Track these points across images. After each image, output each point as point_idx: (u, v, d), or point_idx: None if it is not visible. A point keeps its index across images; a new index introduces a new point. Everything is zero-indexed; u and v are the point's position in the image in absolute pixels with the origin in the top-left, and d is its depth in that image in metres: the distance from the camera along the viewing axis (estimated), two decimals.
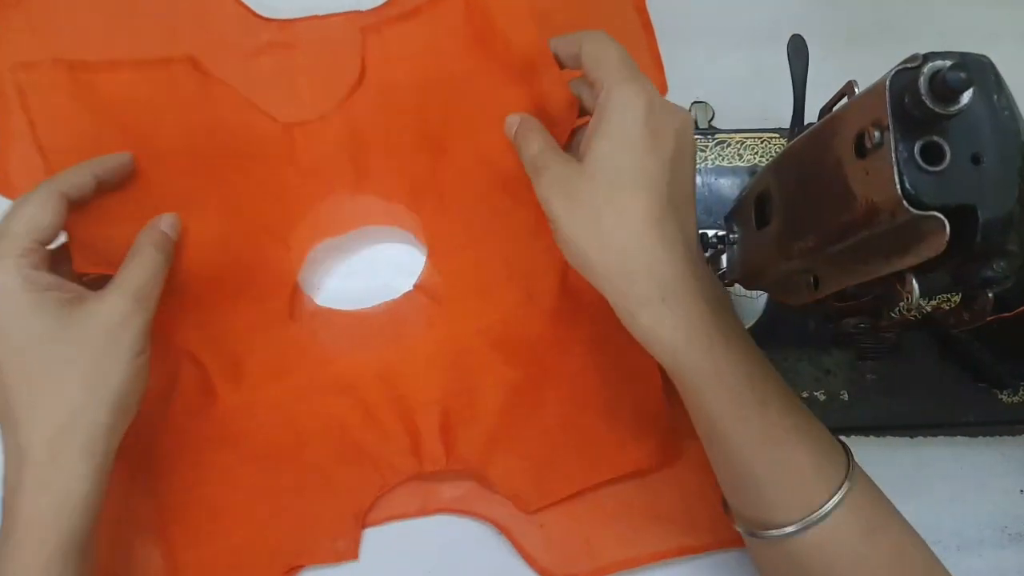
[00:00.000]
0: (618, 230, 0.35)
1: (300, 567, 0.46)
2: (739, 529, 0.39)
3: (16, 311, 0.36)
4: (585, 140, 0.36)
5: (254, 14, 0.52)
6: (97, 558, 0.39)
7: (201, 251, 0.44)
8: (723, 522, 0.42)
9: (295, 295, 0.48)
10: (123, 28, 0.51)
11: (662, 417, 0.46)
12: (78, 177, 0.39)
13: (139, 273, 0.39)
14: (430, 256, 0.49)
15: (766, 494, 0.36)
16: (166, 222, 0.41)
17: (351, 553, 0.45)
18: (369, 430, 0.46)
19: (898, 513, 0.37)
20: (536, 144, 0.38)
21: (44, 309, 0.36)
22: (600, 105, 0.36)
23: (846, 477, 0.35)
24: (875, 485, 0.37)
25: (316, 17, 0.52)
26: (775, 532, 0.36)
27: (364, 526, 0.46)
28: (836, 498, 0.35)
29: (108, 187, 0.41)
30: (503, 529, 0.46)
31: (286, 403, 0.46)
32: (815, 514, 0.35)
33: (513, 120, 0.40)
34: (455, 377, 0.47)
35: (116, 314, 0.37)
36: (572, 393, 0.47)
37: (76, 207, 0.39)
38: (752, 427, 0.35)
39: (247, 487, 0.45)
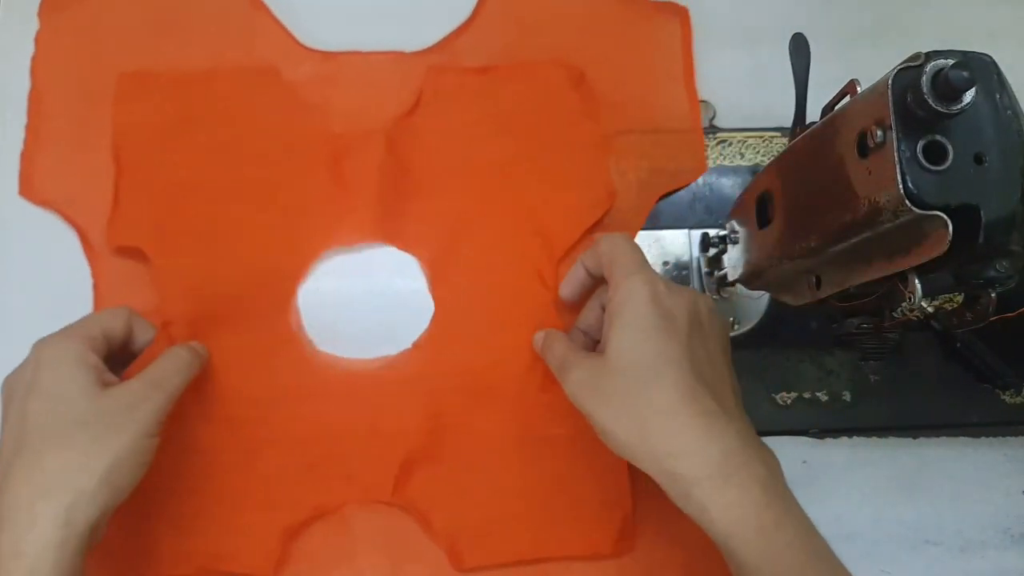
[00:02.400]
0: (654, 417, 0.35)
1: (217, 571, 0.44)
2: None
3: (62, 374, 0.38)
4: (604, 334, 0.38)
5: (298, 43, 0.52)
6: None
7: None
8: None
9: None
10: (169, 42, 0.51)
11: (626, 505, 0.45)
12: (141, 332, 0.43)
13: (165, 365, 0.41)
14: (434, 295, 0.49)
15: None
16: (193, 343, 0.44)
17: (266, 569, 0.44)
18: (325, 446, 0.46)
19: None
20: (559, 349, 0.41)
21: (83, 380, 0.38)
22: (610, 299, 0.38)
23: None
24: None
25: (359, 53, 0.52)
26: None
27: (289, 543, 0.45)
28: None
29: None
30: (418, 515, 0.45)
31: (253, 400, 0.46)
32: None
33: (539, 336, 0.44)
34: (429, 415, 0.46)
35: (133, 394, 0.39)
36: (540, 460, 0.46)
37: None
38: None
39: (181, 480, 0.45)
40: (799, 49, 0.42)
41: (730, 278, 0.45)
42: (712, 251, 0.47)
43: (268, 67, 0.50)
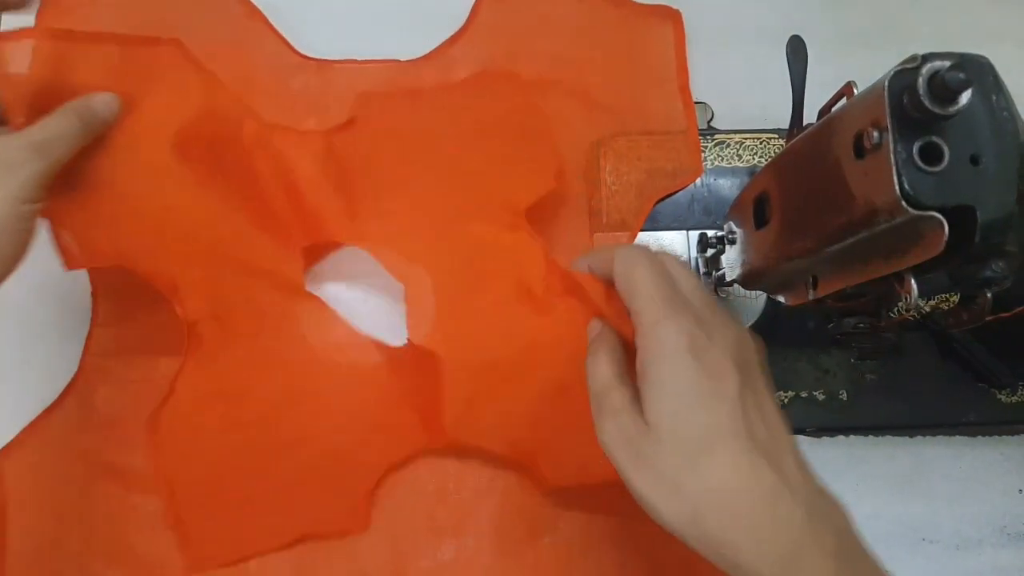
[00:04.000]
0: (707, 499, 0.29)
1: (308, 538, 0.46)
2: None
3: None
4: (640, 388, 0.31)
5: (294, 50, 0.52)
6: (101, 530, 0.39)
7: (200, 224, 0.44)
8: None
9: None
10: None
11: None
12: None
13: (50, 127, 0.38)
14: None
15: None
16: (101, 99, 0.40)
17: (361, 526, 0.46)
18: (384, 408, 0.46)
19: None
20: (604, 374, 0.33)
21: None
22: (641, 347, 0.31)
23: None
24: None
25: (354, 62, 0.53)
26: None
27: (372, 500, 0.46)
28: None
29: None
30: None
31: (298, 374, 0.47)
32: None
33: (595, 326, 0.35)
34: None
35: (12, 152, 0.36)
36: None
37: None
38: None
39: (254, 458, 0.46)
40: (796, 51, 0.42)
41: (728, 278, 0.45)
42: (710, 251, 0.48)
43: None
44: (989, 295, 0.31)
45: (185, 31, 0.51)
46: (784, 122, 0.42)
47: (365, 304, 0.49)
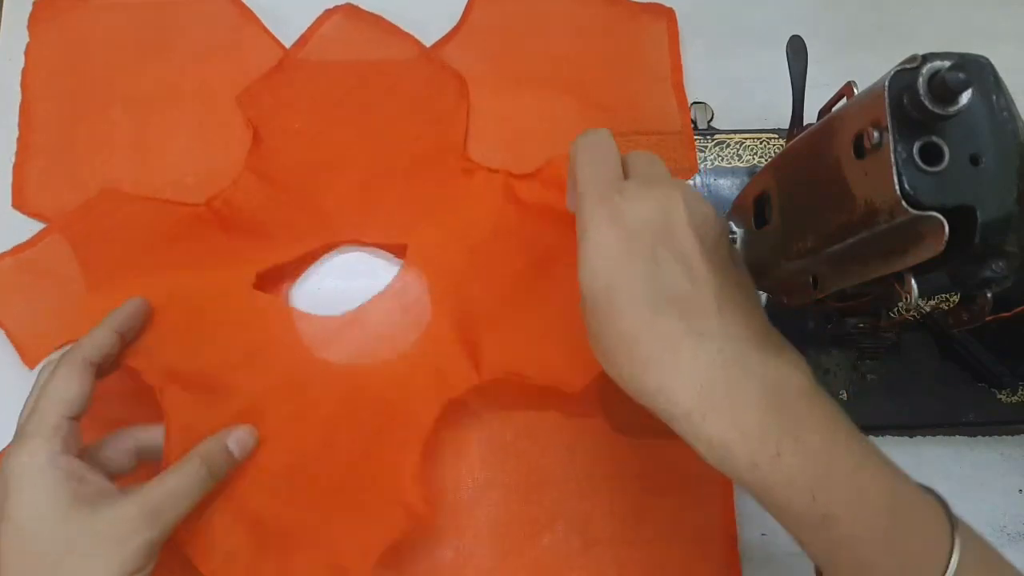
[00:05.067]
0: (620, 351, 0.32)
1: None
2: None
3: (34, 493, 0.35)
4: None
5: (287, 52, 0.52)
6: None
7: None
8: None
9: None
10: (157, 53, 0.52)
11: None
12: (100, 338, 0.40)
13: (169, 487, 0.37)
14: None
15: None
16: (234, 437, 0.41)
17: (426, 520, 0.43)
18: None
19: (1003, 557, 0.34)
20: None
21: (58, 496, 0.35)
22: (577, 220, 0.34)
23: (951, 539, 0.31)
24: (978, 535, 0.33)
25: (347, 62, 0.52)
26: None
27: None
28: (952, 568, 0.30)
29: (131, 337, 0.42)
30: None
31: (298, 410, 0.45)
32: None
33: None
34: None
35: (122, 524, 0.35)
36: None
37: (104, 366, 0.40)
38: (819, 541, 0.32)
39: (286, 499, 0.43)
40: (796, 51, 0.42)
41: None
42: None
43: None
44: (989, 295, 0.31)
45: (178, 36, 0.52)
46: (784, 122, 0.42)
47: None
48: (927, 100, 0.27)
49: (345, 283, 0.50)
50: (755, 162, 0.52)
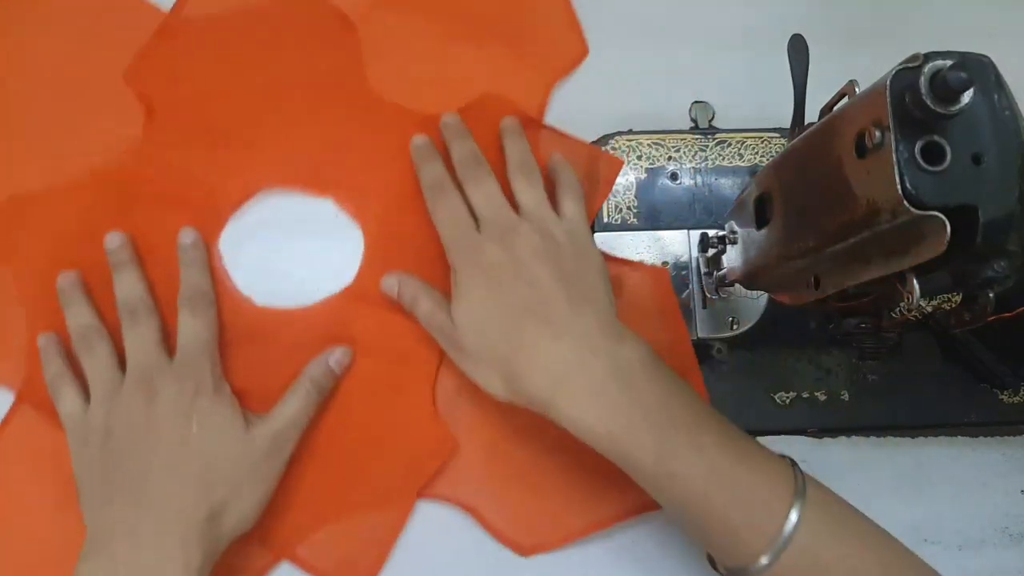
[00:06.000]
0: (499, 364, 0.41)
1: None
2: (721, 573, 0.39)
3: (233, 434, 0.42)
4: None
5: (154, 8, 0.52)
6: None
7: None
8: None
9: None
10: (33, 45, 0.51)
11: None
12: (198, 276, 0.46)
13: (289, 414, 0.43)
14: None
15: (720, 547, 0.37)
16: (335, 357, 0.46)
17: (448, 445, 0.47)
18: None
19: (855, 510, 0.37)
20: (425, 306, 0.44)
21: (239, 428, 0.42)
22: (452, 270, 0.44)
23: (795, 495, 0.36)
24: (828, 490, 0.37)
25: None
26: (755, 569, 0.35)
27: None
28: (793, 519, 0.35)
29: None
30: (469, 509, 0.46)
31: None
32: (779, 541, 0.35)
33: (391, 283, 0.46)
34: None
35: (277, 435, 0.42)
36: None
37: None
38: (674, 499, 0.37)
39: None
40: (798, 50, 0.42)
41: (729, 278, 0.45)
42: (711, 251, 0.47)
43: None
44: (991, 295, 0.31)
45: (53, 20, 0.51)
46: (785, 121, 0.42)
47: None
48: (929, 99, 0.26)
49: (273, 232, 0.50)
50: (756, 161, 0.52)
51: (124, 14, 0.51)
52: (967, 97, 0.26)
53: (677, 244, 0.50)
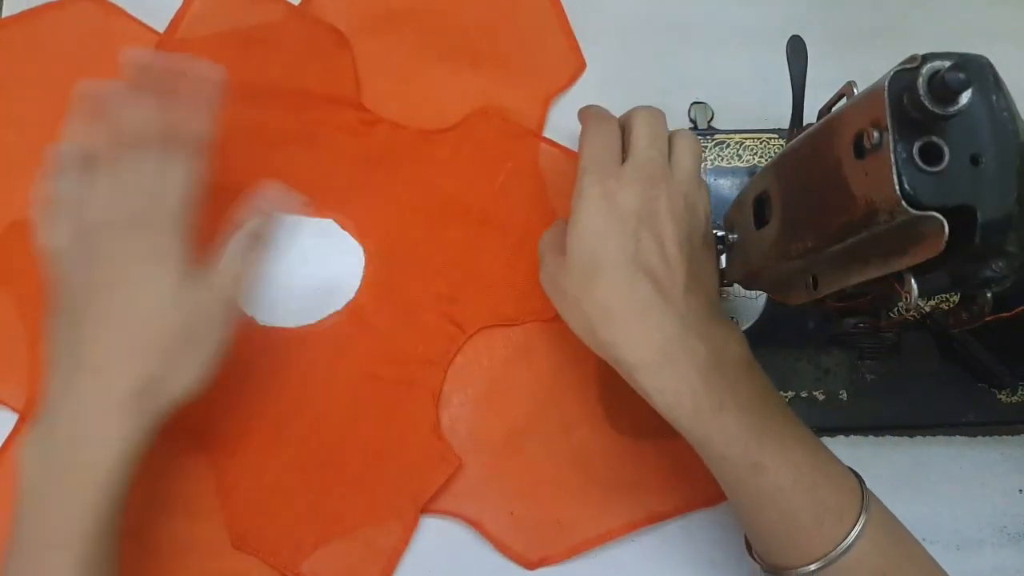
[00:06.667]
0: (595, 311, 0.39)
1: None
2: (762, 569, 0.40)
3: (168, 297, 0.39)
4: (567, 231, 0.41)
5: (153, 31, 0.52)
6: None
7: None
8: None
9: None
10: (34, 73, 0.50)
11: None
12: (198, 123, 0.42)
13: (239, 257, 0.41)
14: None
15: (778, 545, 0.38)
16: (263, 200, 0.43)
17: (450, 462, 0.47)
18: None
19: (907, 531, 0.39)
20: (545, 237, 0.44)
21: (174, 289, 0.39)
22: (572, 193, 0.41)
23: (862, 508, 0.37)
24: (887, 509, 0.38)
25: None
26: (801, 572, 0.37)
27: None
28: (856, 531, 0.36)
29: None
30: (473, 523, 0.46)
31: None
32: (837, 550, 0.36)
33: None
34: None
35: (228, 289, 0.40)
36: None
37: None
38: (749, 490, 0.37)
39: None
40: (796, 51, 0.42)
41: (728, 278, 0.45)
42: None
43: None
44: (989, 295, 0.31)
45: (49, 46, 0.51)
46: (784, 122, 0.42)
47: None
48: (927, 100, 0.27)
49: (274, 251, 0.49)
50: (755, 162, 0.52)
51: (121, 37, 0.51)
52: (965, 98, 0.27)
53: None
